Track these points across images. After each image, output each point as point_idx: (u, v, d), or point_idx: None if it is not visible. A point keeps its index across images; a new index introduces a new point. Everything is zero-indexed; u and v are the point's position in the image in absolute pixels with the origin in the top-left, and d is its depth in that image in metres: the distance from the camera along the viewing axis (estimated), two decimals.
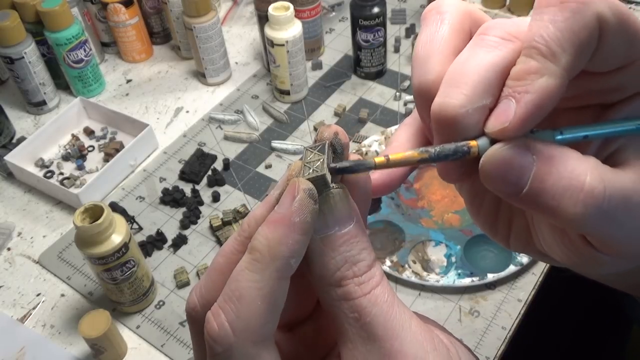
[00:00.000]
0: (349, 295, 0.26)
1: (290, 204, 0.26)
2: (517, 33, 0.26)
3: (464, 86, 0.25)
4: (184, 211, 0.90)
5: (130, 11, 1.12)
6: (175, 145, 1.01)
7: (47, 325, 0.79)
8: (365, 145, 0.92)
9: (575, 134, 0.27)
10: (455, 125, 0.26)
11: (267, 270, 0.26)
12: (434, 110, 0.26)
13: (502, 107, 0.25)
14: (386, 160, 0.27)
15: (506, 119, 0.25)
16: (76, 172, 0.98)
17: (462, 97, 0.25)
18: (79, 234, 0.70)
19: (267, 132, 1.01)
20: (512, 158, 0.25)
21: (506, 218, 0.34)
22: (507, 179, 0.25)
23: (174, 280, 0.82)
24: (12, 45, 1.00)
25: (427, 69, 0.28)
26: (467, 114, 0.25)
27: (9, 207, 0.95)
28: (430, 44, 0.28)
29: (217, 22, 1.04)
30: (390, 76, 1.09)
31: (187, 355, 0.74)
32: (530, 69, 0.24)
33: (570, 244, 0.28)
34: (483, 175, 0.26)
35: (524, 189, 0.25)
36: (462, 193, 0.35)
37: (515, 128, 0.25)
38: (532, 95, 0.24)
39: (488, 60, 0.26)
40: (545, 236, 0.30)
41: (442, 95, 0.26)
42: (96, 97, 1.12)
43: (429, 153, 0.26)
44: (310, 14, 1.08)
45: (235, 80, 1.12)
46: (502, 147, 0.25)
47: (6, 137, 1.04)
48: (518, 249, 0.34)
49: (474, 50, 0.26)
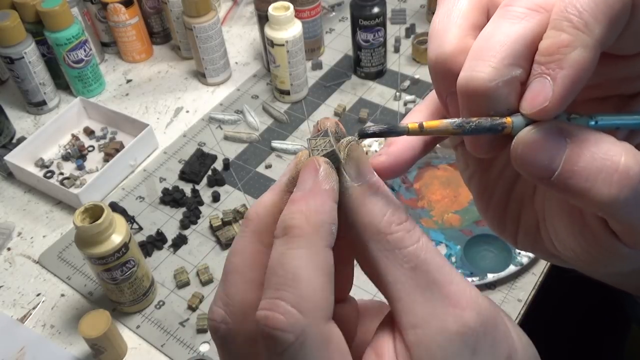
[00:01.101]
0: (401, 243, 0.25)
1: (314, 178, 0.26)
2: (544, 4, 0.25)
3: (491, 58, 0.25)
4: (184, 211, 0.90)
5: (130, 11, 1.12)
6: (175, 145, 1.01)
7: (47, 325, 0.79)
8: (365, 145, 0.92)
9: (610, 122, 0.26)
10: (485, 99, 0.25)
11: (313, 242, 0.25)
12: (460, 84, 0.25)
13: (537, 86, 0.24)
14: (419, 127, 0.26)
15: (545, 98, 0.24)
16: (76, 172, 0.98)
17: (491, 70, 0.24)
18: (79, 234, 0.70)
19: (267, 132, 1.01)
20: (544, 140, 0.24)
21: (515, 214, 0.33)
22: (539, 161, 0.24)
23: (174, 280, 0.82)
24: (12, 45, 1.00)
25: (444, 41, 0.27)
26: (497, 87, 0.25)
27: (9, 207, 0.95)
28: (448, 18, 0.27)
29: (217, 22, 1.04)
30: (390, 76, 1.09)
31: (187, 355, 0.74)
32: (562, 42, 0.23)
33: (590, 236, 0.27)
34: (514, 157, 0.25)
35: (555, 172, 0.24)
36: (471, 187, 0.35)
37: (555, 106, 0.24)
38: (567, 70, 0.23)
39: (515, 32, 0.25)
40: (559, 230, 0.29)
41: (469, 69, 0.25)
42: (96, 97, 1.12)
43: (463, 128, 0.25)
44: (310, 14, 1.08)
45: (235, 80, 1.12)
46: (534, 130, 0.24)
47: (6, 137, 1.04)
48: (526, 247, 0.33)
49: (499, 22, 0.25)
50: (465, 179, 0.35)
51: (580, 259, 0.29)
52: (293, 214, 0.25)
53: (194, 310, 0.79)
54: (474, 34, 0.27)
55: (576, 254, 0.29)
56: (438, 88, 0.28)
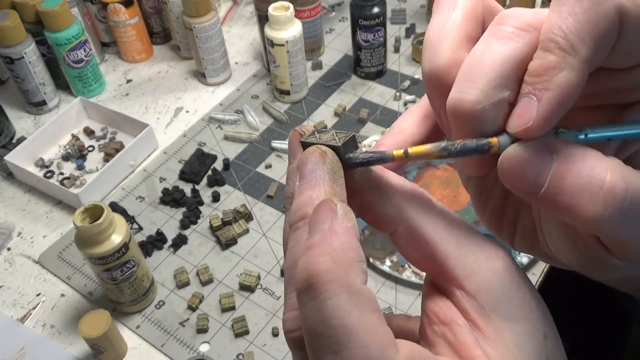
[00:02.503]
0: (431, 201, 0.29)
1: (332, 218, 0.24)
2: (534, 23, 0.25)
3: (479, 80, 0.25)
4: (184, 211, 0.90)
5: (130, 11, 1.12)
6: (175, 145, 1.01)
7: (47, 325, 0.79)
8: (365, 145, 0.92)
9: (600, 134, 0.26)
10: (472, 121, 0.25)
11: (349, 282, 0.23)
12: (449, 106, 0.26)
13: (523, 106, 0.25)
14: (404, 153, 0.26)
15: (529, 118, 0.24)
16: (76, 172, 0.98)
17: (478, 93, 0.25)
18: (79, 234, 0.70)
19: (267, 132, 1.01)
20: (530, 156, 0.24)
21: (512, 217, 0.33)
22: (526, 177, 0.25)
23: (174, 280, 0.82)
24: (12, 45, 1.00)
25: (438, 53, 0.27)
26: (483, 110, 0.25)
27: (9, 207, 0.95)
28: (442, 29, 0.28)
29: (217, 22, 1.04)
30: (390, 76, 1.09)
31: (187, 355, 0.74)
32: (549, 64, 0.24)
33: (582, 246, 0.27)
34: (502, 173, 0.25)
35: (542, 188, 0.24)
36: (468, 189, 0.35)
37: (539, 127, 0.24)
38: (553, 92, 0.24)
39: (505, 53, 0.25)
40: (553, 238, 0.30)
41: (458, 90, 0.25)
42: (96, 97, 1.12)
43: (448, 150, 0.26)
44: (310, 14, 1.08)
45: (235, 80, 1.12)
46: (520, 146, 0.25)
47: (6, 137, 1.04)
48: (523, 249, 0.34)
49: (489, 41, 0.26)
50: (463, 181, 0.36)
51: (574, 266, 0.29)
52: (315, 258, 0.23)
53: (194, 310, 0.79)
54: (468, 46, 0.27)
55: (570, 261, 0.29)
56: (432, 99, 0.29)
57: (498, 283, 0.26)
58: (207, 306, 0.79)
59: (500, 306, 0.26)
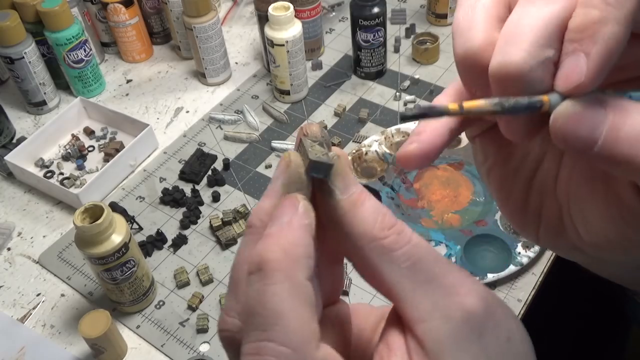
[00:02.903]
0: (395, 245, 0.26)
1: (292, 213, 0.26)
2: None
3: (523, 42, 0.25)
4: (184, 211, 0.90)
5: (130, 11, 1.12)
6: (175, 145, 1.01)
7: (47, 325, 0.79)
8: (365, 145, 0.92)
9: None
10: (519, 83, 0.25)
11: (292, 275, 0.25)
12: (492, 70, 0.25)
13: (571, 63, 0.24)
14: (459, 107, 0.26)
15: (580, 73, 0.24)
16: (76, 172, 0.98)
17: (523, 54, 0.25)
18: (79, 234, 0.70)
19: (267, 132, 1.01)
20: (584, 111, 0.24)
21: (535, 207, 0.33)
22: (581, 132, 0.24)
23: (174, 280, 0.82)
24: (12, 45, 1.00)
25: (471, 36, 0.27)
26: (530, 70, 0.25)
27: (9, 207, 0.95)
28: (472, 12, 0.27)
29: (217, 22, 1.04)
30: (390, 76, 1.09)
31: (187, 355, 0.74)
32: (593, 18, 0.24)
33: (628, 214, 0.27)
34: (555, 131, 0.25)
35: (598, 141, 0.24)
36: (489, 181, 0.34)
37: (590, 81, 0.24)
38: (600, 45, 0.23)
39: (544, 14, 0.25)
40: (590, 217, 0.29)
41: (501, 54, 0.25)
42: (96, 97, 1.12)
43: (501, 105, 0.25)
44: (310, 14, 1.08)
45: (235, 80, 1.12)
46: (573, 102, 0.25)
47: (6, 137, 1.04)
48: (548, 241, 0.33)
49: (526, 6, 0.26)
50: (484, 173, 0.35)
51: (611, 244, 0.29)
52: (269, 246, 0.25)
53: (194, 310, 0.79)
54: (500, 26, 0.27)
55: (608, 238, 0.29)
56: (467, 82, 0.28)
57: (449, 334, 0.25)
58: (207, 306, 0.79)
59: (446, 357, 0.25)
